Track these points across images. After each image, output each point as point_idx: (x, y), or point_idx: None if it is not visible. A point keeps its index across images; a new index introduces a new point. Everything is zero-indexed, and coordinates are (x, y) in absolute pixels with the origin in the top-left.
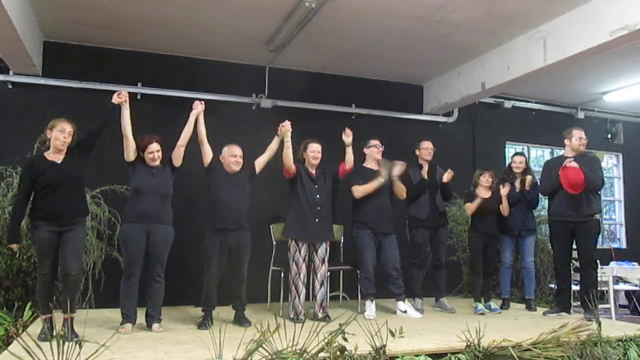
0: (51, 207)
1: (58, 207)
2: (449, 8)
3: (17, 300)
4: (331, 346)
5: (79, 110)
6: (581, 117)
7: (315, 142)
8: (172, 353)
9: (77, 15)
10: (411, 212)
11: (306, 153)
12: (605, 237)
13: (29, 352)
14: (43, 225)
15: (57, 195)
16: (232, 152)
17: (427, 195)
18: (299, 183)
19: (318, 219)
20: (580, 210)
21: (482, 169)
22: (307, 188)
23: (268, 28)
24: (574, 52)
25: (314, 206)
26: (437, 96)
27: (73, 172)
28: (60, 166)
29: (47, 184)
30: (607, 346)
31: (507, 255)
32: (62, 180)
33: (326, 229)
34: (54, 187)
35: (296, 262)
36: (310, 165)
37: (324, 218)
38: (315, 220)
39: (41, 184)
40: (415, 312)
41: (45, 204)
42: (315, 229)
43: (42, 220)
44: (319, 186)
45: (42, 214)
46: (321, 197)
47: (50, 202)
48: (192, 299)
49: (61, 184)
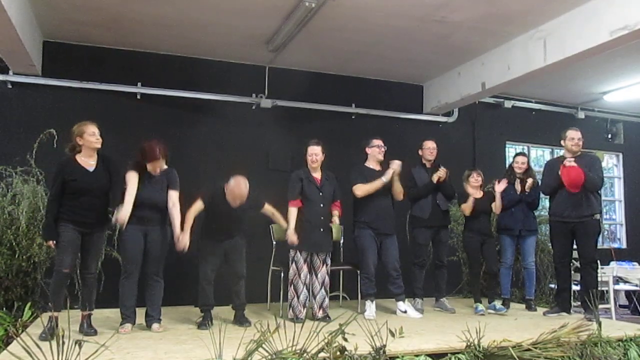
0: (77, 210)
1: (84, 212)
2: (449, 8)
3: (17, 300)
4: (331, 346)
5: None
6: (581, 117)
7: (313, 144)
8: (172, 353)
9: (77, 15)
10: (413, 212)
11: (306, 154)
12: (605, 237)
13: (28, 352)
14: (68, 224)
15: (84, 201)
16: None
17: (429, 195)
18: (304, 194)
19: (322, 228)
20: (581, 210)
21: (470, 169)
22: (311, 197)
23: (268, 28)
24: (574, 52)
25: (318, 216)
26: (437, 96)
27: (103, 181)
28: (92, 174)
29: (77, 190)
30: (607, 346)
31: (508, 256)
32: (92, 188)
33: (329, 238)
34: (83, 193)
35: (296, 263)
36: (311, 168)
37: (327, 227)
38: (320, 230)
39: (72, 189)
40: (415, 312)
41: (72, 207)
42: (320, 239)
43: (67, 221)
44: (324, 194)
45: (68, 215)
46: (325, 205)
47: (78, 207)
48: (192, 299)
49: (90, 192)
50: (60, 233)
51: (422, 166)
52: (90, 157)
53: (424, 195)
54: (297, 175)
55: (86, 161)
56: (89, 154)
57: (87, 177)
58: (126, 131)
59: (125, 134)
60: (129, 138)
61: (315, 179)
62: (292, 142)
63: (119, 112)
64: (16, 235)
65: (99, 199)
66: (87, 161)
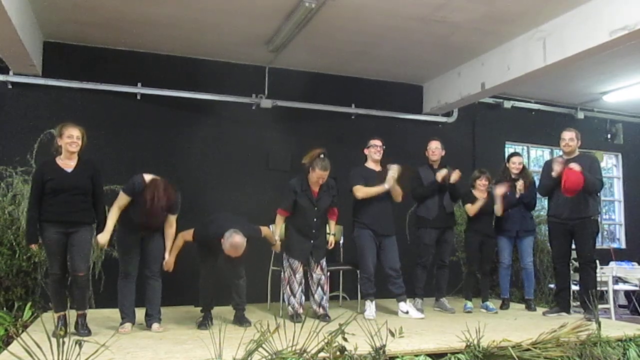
0: (57, 209)
1: (63, 210)
2: (449, 8)
3: (17, 300)
4: (331, 346)
5: (78, 110)
6: (581, 117)
7: (324, 169)
8: (172, 353)
9: (77, 15)
10: (419, 213)
11: (313, 172)
12: (604, 237)
13: (28, 352)
14: (50, 226)
15: (62, 199)
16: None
17: (436, 196)
18: (297, 211)
19: (313, 240)
20: (579, 211)
21: (480, 171)
22: (305, 209)
23: (268, 28)
24: (574, 52)
25: (310, 229)
26: (437, 96)
27: (81, 182)
28: (69, 175)
29: (54, 189)
30: (606, 346)
31: (505, 256)
32: (69, 187)
33: (321, 249)
34: (60, 192)
35: (291, 267)
36: (313, 184)
37: (319, 238)
38: (311, 242)
39: (49, 188)
40: (417, 313)
41: (51, 206)
42: (310, 249)
43: (49, 222)
44: (319, 209)
45: (48, 215)
46: (318, 220)
47: (56, 206)
48: (192, 299)
49: (67, 191)
50: (44, 237)
51: (429, 167)
52: (68, 159)
53: (429, 195)
54: (292, 187)
55: (65, 162)
56: (67, 156)
57: (64, 176)
58: (126, 131)
59: (125, 134)
60: (128, 138)
61: (313, 191)
62: (292, 142)
63: (118, 112)
64: (16, 235)
65: (78, 197)
66: (67, 162)
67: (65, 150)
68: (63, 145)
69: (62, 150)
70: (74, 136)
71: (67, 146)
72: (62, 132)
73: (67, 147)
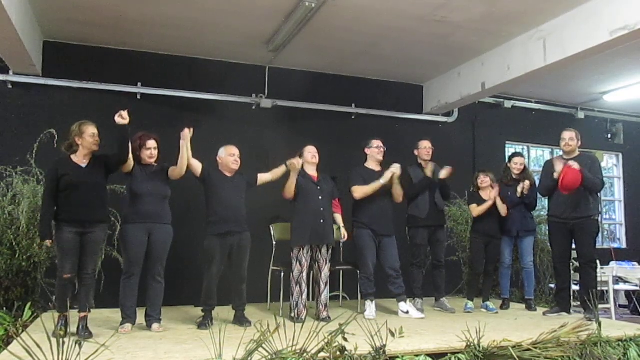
0: (74, 208)
1: (80, 209)
2: (449, 8)
3: (17, 300)
4: (331, 346)
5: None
6: (581, 117)
7: (311, 145)
8: (172, 353)
9: (77, 15)
10: (411, 212)
11: (304, 157)
12: (605, 237)
13: (28, 352)
14: (67, 226)
15: (79, 196)
16: (230, 151)
17: (427, 194)
18: (300, 192)
19: (323, 219)
20: (579, 211)
21: (479, 170)
22: (309, 192)
23: (268, 28)
24: (574, 52)
25: (318, 207)
26: (437, 96)
27: (97, 177)
28: (85, 170)
29: (70, 184)
30: (607, 346)
31: (506, 256)
32: (84, 182)
33: (330, 230)
34: (76, 188)
35: (299, 262)
36: (309, 168)
37: (327, 220)
38: (320, 222)
39: (64, 184)
40: (417, 313)
41: (68, 205)
42: (321, 229)
43: (65, 222)
44: (322, 188)
45: (65, 216)
46: (324, 198)
47: (72, 204)
48: (192, 299)
49: (83, 186)
50: (59, 237)
51: (418, 166)
52: (85, 156)
53: (420, 192)
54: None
55: (80, 159)
56: (85, 153)
57: (79, 172)
58: None
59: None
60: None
61: (312, 175)
62: (292, 142)
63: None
64: (16, 235)
65: (93, 194)
66: (81, 159)
67: (85, 148)
68: (84, 144)
69: (81, 147)
70: (95, 134)
71: (91, 145)
72: (82, 130)
73: (91, 145)
